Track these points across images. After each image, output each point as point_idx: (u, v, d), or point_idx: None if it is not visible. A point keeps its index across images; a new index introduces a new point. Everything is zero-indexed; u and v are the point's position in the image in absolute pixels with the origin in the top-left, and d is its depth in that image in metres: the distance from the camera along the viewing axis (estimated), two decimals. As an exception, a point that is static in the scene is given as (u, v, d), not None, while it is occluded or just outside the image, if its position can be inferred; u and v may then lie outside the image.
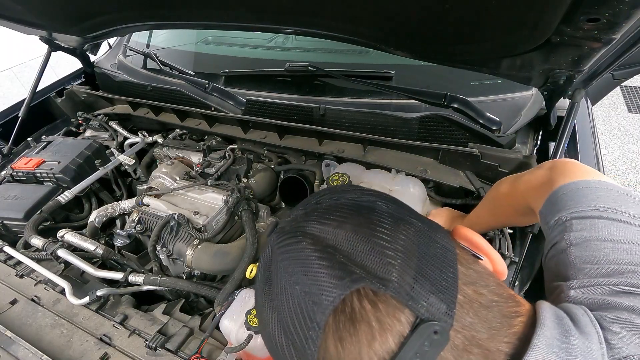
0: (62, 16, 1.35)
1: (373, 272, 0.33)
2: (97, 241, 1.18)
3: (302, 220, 0.40)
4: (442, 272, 0.35)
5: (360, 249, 0.35)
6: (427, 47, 0.93)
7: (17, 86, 4.30)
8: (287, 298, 0.35)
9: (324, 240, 0.36)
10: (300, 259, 0.36)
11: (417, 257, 0.35)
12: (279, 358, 0.36)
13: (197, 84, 1.50)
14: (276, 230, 0.41)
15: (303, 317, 0.33)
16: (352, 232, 0.36)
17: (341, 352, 0.32)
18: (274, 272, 0.37)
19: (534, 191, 0.65)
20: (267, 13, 0.99)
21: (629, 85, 4.04)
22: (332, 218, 0.38)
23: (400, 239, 0.36)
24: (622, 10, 0.54)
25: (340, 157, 1.25)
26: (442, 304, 0.32)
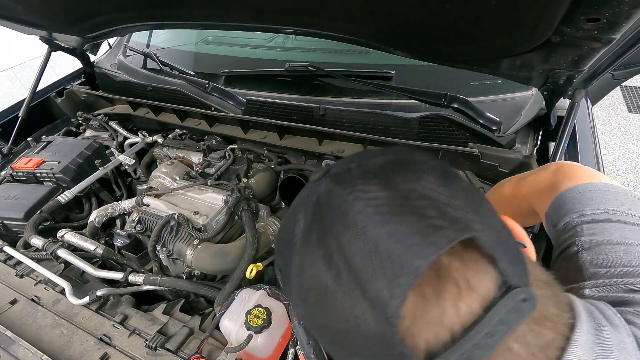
0: (62, 16, 1.35)
1: (466, 229, 0.30)
2: (97, 241, 1.18)
3: (372, 169, 0.36)
4: (512, 243, 0.34)
5: (454, 204, 0.32)
6: (427, 47, 0.93)
7: (17, 86, 4.30)
8: (367, 243, 0.30)
9: (414, 190, 0.33)
10: (390, 205, 0.32)
11: (495, 225, 0.34)
12: (338, 315, 0.32)
13: (197, 84, 1.50)
14: (339, 174, 0.37)
15: (392, 265, 0.29)
16: (441, 186, 0.33)
17: (421, 309, 0.29)
18: (338, 215, 0.33)
19: (538, 193, 0.64)
20: (267, 13, 0.99)
21: (629, 85, 4.04)
22: (410, 171, 0.35)
23: (482, 205, 0.35)
24: (622, 10, 0.54)
25: (340, 157, 1.25)
26: (523, 272, 0.31)
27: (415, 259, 0.29)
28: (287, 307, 0.85)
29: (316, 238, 0.34)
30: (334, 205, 0.34)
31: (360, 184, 0.34)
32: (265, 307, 0.82)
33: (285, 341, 0.85)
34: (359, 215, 0.32)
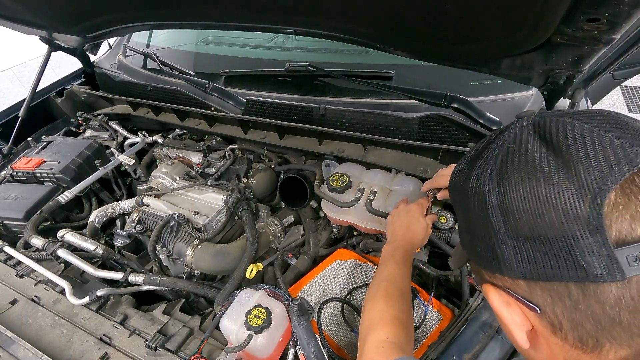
0: (62, 16, 1.35)
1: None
2: (97, 241, 1.18)
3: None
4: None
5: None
6: (427, 47, 0.93)
7: (17, 86, 4.30)
8: (588, 132, 0.35)
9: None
10: (613, 122, 0.35)
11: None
12: (541, 190, 0.35)
13: (197, 84, 1.50)
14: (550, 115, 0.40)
15: (616, 159, 0.33)
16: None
17: (624, 201, 0.32)
18: (559, 128, 0.37)
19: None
20: (267, 13, 0.99)
21: (629, 85, 4.04)
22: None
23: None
24: (622, 10, 0.55)
25: (340, 157, 1.25)
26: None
27: (635, 156, 0.32)
28: (287, 307, 0.86)
29: (534, 137, 0.38)
30: (554, 119, 0.38)
31: (570, 115, 0.38)
32: (265, 307, 0.82)
33: (285, 341, 0.85)
34: (580, 124, 0.36)
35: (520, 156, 0.38)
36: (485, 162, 0.41)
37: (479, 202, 0.40)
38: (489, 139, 0.44)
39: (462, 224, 0.48)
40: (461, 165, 0.46)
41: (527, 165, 0.36)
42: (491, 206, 0.39)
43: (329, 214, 1.18)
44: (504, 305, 0.41)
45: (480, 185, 0.40)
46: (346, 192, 1.12)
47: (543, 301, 0.37)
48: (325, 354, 0.78)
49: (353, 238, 1.23)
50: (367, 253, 1.16)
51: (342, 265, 1.09)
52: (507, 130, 0.41)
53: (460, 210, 0.47)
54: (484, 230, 0.40)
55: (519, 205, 0.36)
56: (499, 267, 0.40)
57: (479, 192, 0.40)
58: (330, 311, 0.98)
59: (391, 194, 1.11)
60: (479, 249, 0.43)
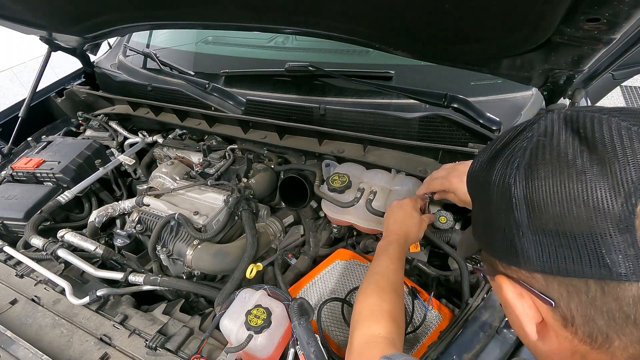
0: (62, 16, 1.35)
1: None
2: (97, 241, 1.18)
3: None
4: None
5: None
6: (427, 47, 0.93)
7: (17, 86, 4.30)
8: (625, 142, 0.34)
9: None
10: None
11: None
12: (571, 185, 0.35)
13: (197, 84, 1.50)
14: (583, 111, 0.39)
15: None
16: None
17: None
18: (595, 123, 0.36)
19: None
20: (267, 13, 0.99)
21: (629, 85, 4.04)
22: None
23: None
24: (622, 11, 0.55)
25: (340, 157, 1.25)
26: None
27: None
28: (287, 307, 0.86)
29: (566, 130, 0.38)
30: (588, 114, 0.38)
31: (605, 111, 0.37)
32: (265, 307, 0.82)
33: (285, 341, 0.85)
34: (618, 121, 0.35)
35: (552, 149, 0.37)
36: (512, 153, 0.40)
37: (502, 193, 0.40)
38: (515, 130, 0.43)
39: (479, 216, 0.48)
40: (483, 157, 0.45)
41: (560, 159, 0.36)
42: (516, 198, 0.38)
43: (329, 214, 1.18)
44: (517, 296, 0.41)
45: (505, 177, 0.39)
46: (346, 192, 1.12)
47: (559, 295, 0.37)
48: (325, 354, 0.78)
49: (353, 238, 1.23)
50: (367, 253, 1.16)
51: (342, 265, 1.09)
52: (536, 123, 0.40)
53: (478, 202, 0.47)
54: (504, 222, 0.40)
55: (547, 198, 0.36)
56: (517, 260, 0.39)
57: (503, 183, 0.40)
58: (330, 311, 0.98)
59: (391, 194, 1.11)
60: (497, 241, 0.42)
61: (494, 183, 0.41)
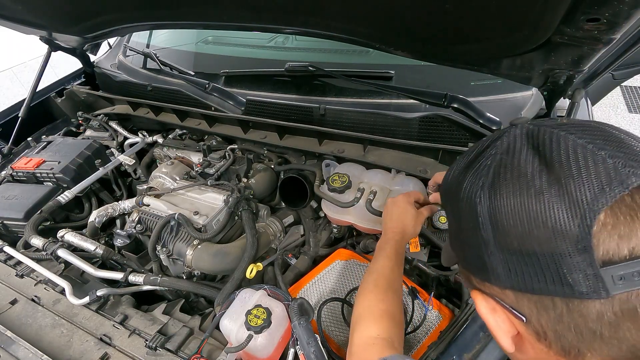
0: (62, 16, 1.35)
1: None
2: (97, 241, 1.18)
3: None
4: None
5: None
6: (427, 47, 0.93)
7: (17, 86, 4.30)
8: (581, 148, 0.35)
9: (614, 134, 0.37)
10: (603, 138, 0.36)
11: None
12: (532, 209, 0.35)
13: (197, 84, 1.50)
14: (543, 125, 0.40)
15: (603, 173, 0.33)
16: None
17: (612, 222, 0.32)
18: (553, 142, 0.37)
19: None
20: (267, 13, 0.99)
21: (629, 85, 4.04)
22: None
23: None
24: (622, 11, 0.55)
25: (340, 157, 1.25)
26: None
27: (627, 177, 0.32)
28: (287, 307, 0.86)
29: (527, 148, 0.38)
30: (548, 130, 0.38)
31: (565, 127, 0.38)
32: (265, 307, 0.82)
33: (285, 341, 0.85)
34: (575, 139, 0.36)
35: (512, 169, 0.38)
36: (477, 171, 0.41)
37: (470, 210, 0.40)
38: (482, 145, 0.43)
39: (453, 228, 0.48)
40: (455, 170, 0.45)
41: (520, 179, 0.36)
42: (482, 217, 0.38)
43: (329, 214, 1.18)
44: (490, 312, 0.42)
45: (472, 195, 0.40)
46: (346, 192, 1.12)
47: (529, 311, 0.38)
48: (325, 354, 0.78)
49: (353, 238, 1.23)
50: (367, 253, 1.16)
51: (342, 265, 1.09)
52: (500, 139, 0.41)
53: (452, 215, 0.47)
54: (473, 239, 0.40)
55: (509, 219, 0.36)
56: (488, 276, 0.40)
57: (470, 201, 0.40)
58: (330, 311, 0.98)
59: (391, 194, 1.11)
60: (469, 256, 0.43)
61: (462, 199, 0.41)
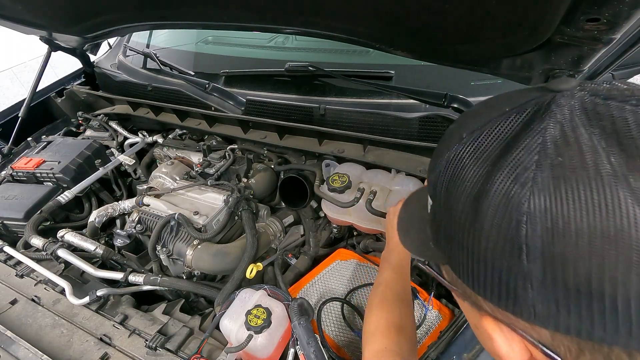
0: (62, 16, 1.35)
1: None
2: (97, 241, 1.18)
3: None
4: None
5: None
6: (427, 47, 0.93)
7: (17, 86, 4.30)
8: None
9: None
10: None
11: None
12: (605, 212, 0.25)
13: (197, 84, 1.50)
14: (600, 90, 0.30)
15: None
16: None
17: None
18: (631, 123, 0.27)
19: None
20: (267, 13, 0.99)
21: (629, 85, 4.04)
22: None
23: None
24: (622, 11, 0.55)
25: (340, 157, 1.25)
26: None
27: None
28: (287, 307, 0.86)
29: (599, 136, 0.28)
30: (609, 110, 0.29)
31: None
32: (265, 307, 0.82)
33: (285, 341, 0.85)
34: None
35: (580, 168, 0.27)
36: (515, 180, 0.28)
37: (504, 235, 0.29)
38: (509, 124, 0.31)
39: (445, 226, 0.36)
40: (466, 170, 0.33)
41: (596, 186, 0.26)
42: (528, 247, 0.27)
43: (329, 214, 1.18)
44: (505, 340, 0.33)
45: (511, 219, 0.28)
46: (346, 192, 1.12)
47: (566, 351, 0.29)
48: (325, 354, 0.78)
49: (353, 238, 1.23)
50: (367, 253, 1.16)
51: (342, 265, 1.09)
52: (543, 118, 0.30)
53: (448, 214, 0.35)
54: (501, 264, 0.30)
55: (580, 253, 0.26)
56: (516, 309, 0.30)
57: (507, 226, 0.29)
58: (330, 311, 0.98)
59: (391, 194, 1.11)
60: (484, 278, 0.32)
61: (489, 216, 0.30)
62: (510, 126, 0.32)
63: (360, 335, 0.91)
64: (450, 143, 0.36)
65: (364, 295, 1.01)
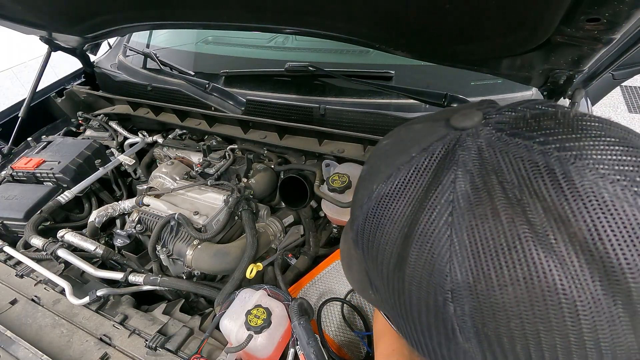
0: (63, 16, 1.35)
1: None
2: (97, 241, 1.18)
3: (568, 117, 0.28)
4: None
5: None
6: (427, 47, 0.93)
7: (17, 86, 4.30)
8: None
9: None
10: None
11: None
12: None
13: (197, 84, 1.50)
14: (509, 123, 0.28)
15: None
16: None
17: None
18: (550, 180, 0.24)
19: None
20: (267, 13, 0.99)
21: (629, 85, 4.04)
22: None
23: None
24: (622, 11, 0.55)
25: (340, 157, 1.25)
26: None
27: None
28: (287, 307, 0.86)
29: (512, 201, 0.25)
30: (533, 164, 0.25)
31: (573, 138, 0.25)
32: (265, 307, 0.82)
33: (285, 341, 0.85)
34: (598, 190, 0.23)
35: (502, 242, 0.25)
36: (432, 243, 0.27)
37: (432, 310, 0.27)
38: (426, 177, 0.29)
39: (385, 298, 0.33)
40: (383, 226, 0.31)
41: (520, 264, 0.24)
42: (459, 326, 0.26)
43: (329, 214, 1.18)
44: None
45: (434, 292, 0.26)
46: (346, 192, 1.12)
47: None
48: (325, 354, 0.78)
49: (353, 238, 1.23)
50: (367, 253, 1.16)
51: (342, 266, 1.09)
52: (454, 161, 0.27)
53: (384, 288, 0.32)
54: (438, 337, 0.28)
55: (511, 333, 0.25)
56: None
57: (434, 302, 0.27)
58: (330, 311, 0.98)
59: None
60: (425, 346, 0.30)
61: (414, 290, 0.28)
62: (420, 177, 0.29)
63: (360, 335, 0.91)
64: (363, 194, 0.33)
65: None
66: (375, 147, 0.38)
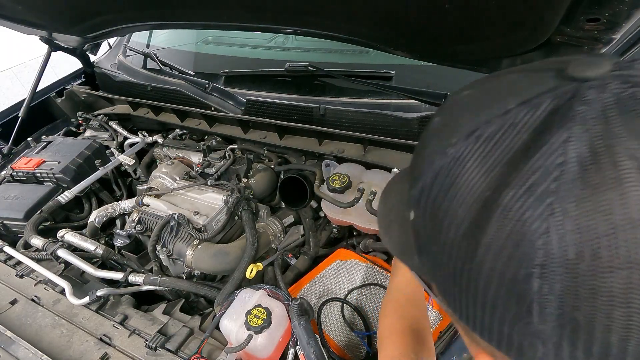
0: (63, 16, 1.35)
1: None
2: (97, 241, 1.18)
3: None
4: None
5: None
6: (427, 47, 0.93)
7: (17, 86, 4.30)
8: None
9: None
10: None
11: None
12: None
13: (197, 84, 1.50)
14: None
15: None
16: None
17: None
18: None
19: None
20: (267, 13, 0.99)
21: (629, 85, 4.04)
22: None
23: None
24: (622, 11, 0.55)
25: (340, 157, 1.25)
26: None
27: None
28: (287, 307, 0.86)
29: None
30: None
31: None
32: (265, 307, 0.82)
33: (285, 341, 0.85)
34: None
35: (625, 222, 0.20)
36: (526, 211, 0.22)
37: (508, 283, 0.23)
38: (528, 133, 0.24)
39: (444, 263, 0.29)
40: (461, 188, 0.26)
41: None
42: (539, 305, 0.22)
43: (329, 214, 1.18)
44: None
45: (520, 267, 0.23)
46: (346, 192, 1.12)
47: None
48: (325, 354, 0.78)
49: (353, 238, 1.23)
50: (367, 253, 1.16)
51: (342, 265, 1.09)
52: (569, 118, 0.22)
53: (446, 253, 0.28)
54: (503, 313, 0.25)
55: (610, 326, 0.21)
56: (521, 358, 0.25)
57: (514, 275, 0.23)
58: (330, 311, 0.98)
59: (391, 194, 1.11)
60: (483, 322, 0.27)
61: (489, 258, 0.24)
62: (519, 133, 0.24)
63: (360, 336, 0.91)
64: (435, 150, 0.29)
65: (364, 296, 1.01)
66: (452, 97, 0.33)
